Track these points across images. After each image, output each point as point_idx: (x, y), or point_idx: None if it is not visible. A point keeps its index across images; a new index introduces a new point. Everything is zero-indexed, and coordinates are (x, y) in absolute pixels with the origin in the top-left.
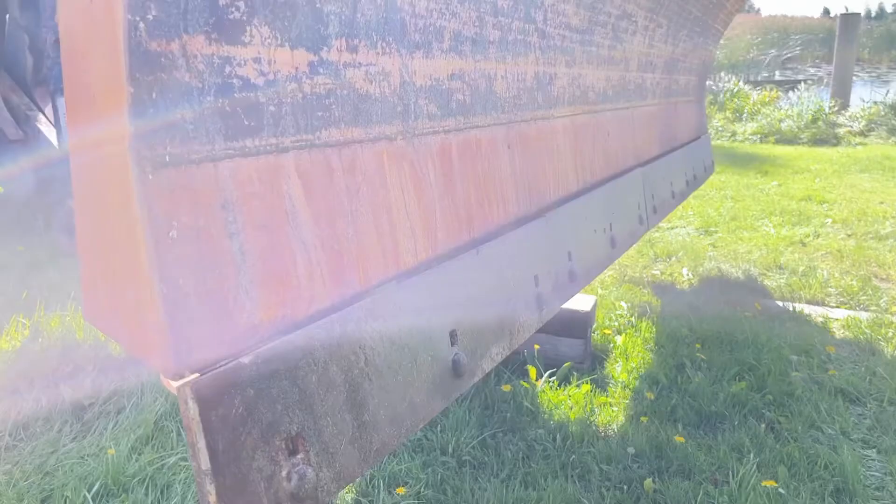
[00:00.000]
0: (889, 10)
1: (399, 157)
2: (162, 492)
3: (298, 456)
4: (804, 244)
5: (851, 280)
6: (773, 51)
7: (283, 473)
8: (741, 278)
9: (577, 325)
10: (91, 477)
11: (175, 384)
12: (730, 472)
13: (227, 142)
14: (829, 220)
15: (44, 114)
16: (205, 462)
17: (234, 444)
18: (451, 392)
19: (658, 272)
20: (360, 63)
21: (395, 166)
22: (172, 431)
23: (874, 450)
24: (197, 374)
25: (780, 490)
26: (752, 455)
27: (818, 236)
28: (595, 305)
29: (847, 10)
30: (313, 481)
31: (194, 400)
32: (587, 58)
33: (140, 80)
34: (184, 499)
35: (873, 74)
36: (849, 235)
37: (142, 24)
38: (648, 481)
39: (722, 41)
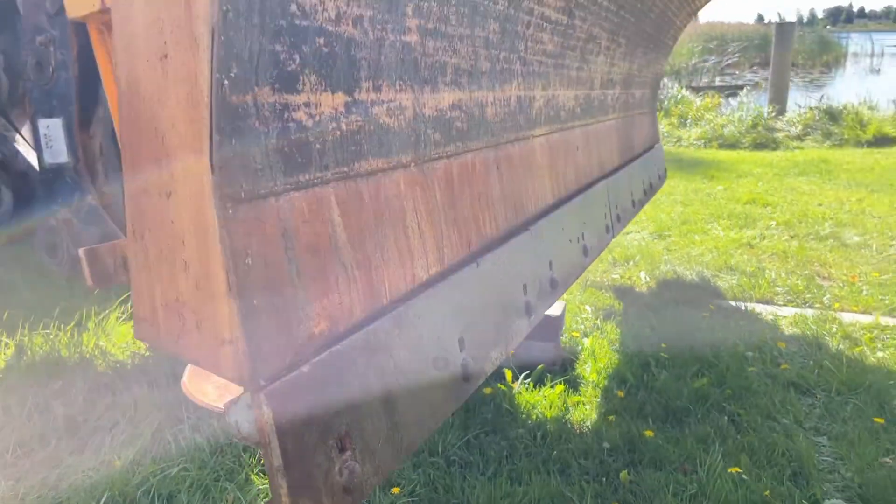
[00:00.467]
0: (820, 15)
1: (413, 183)
2: (167, 501)
3: (347, 453)
4: (752, 246)
5: (797, 279)
6: (712, 57)
7: (336, 468)
8: (695, 280)
9: (549, 329)
10: (97, 490)
11: (249, 392)
12: (697, 462)
13: (285, 177)
14: (773, 223)
15: (21, 135)
16: (277, 460)
17: (300, 443)
18: (462, 394)
19: (618, 276)
20: (383, 100)
21: (409, 191)
22: (171, 443)
23: (825, 437)
24: (268, 383)
25: (744, 476)
26: (716, 445)
27: (764, 238)
28: (564, 310)
29: (781, 16)
30: (359, 475)
31: (268, 406)
32: (559, 80)
33: (224, 128)
34: None
35: (807, 79)
36: (792, 237)
37: (226, 82)
38: (624, 473)
39: None
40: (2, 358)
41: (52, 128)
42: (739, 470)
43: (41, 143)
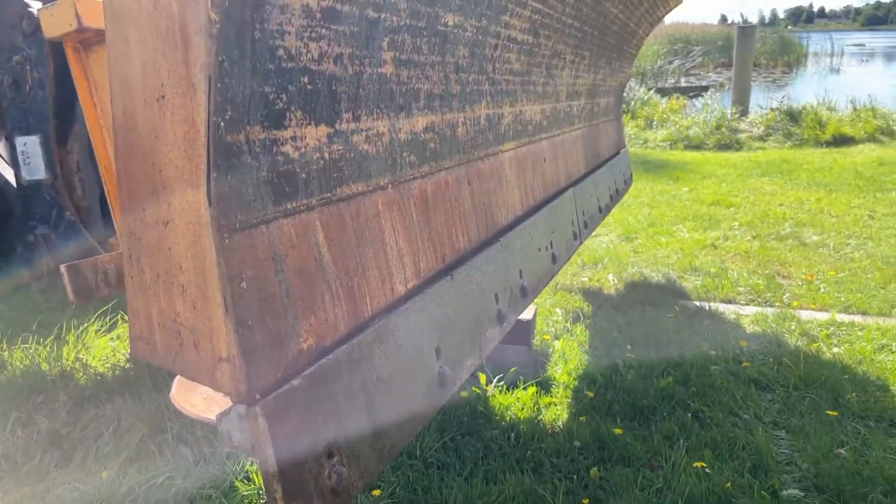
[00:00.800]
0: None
1: (390, 203)
2: None
3: (335, 458)
4: (715, 247)
5: (758, 279)
6: (677, 59)
7: (325, 473)
8: (662, 281)
9: (521, 333)
10: (84, 501)
11: (245, 405)
12: (663, 458)
13: (274, 206)
14: (737, 223)
15: None
16: (273, 467)
17: (292, 451)
18: (439, 400)
19: (586, 279)
20: (362, 129)
21: (387, 211)
22: (155, 453)
23: (784, 430)
24: (263, 396)
25: (707, 470)
26: (681, 441)
27: (727, 239)
28: (535, 314)
29: (743, 16)
30: (346, 479)
31: (264, 417)
32: (526, 96)
33: (220, 165)
34: None
35: (769, 79)
36: (754, 237)
37: (222, 123)
38: (594, 470)
39: None
40: None
41: (30, 145)
42: (703, 464)
43: (19, 159)
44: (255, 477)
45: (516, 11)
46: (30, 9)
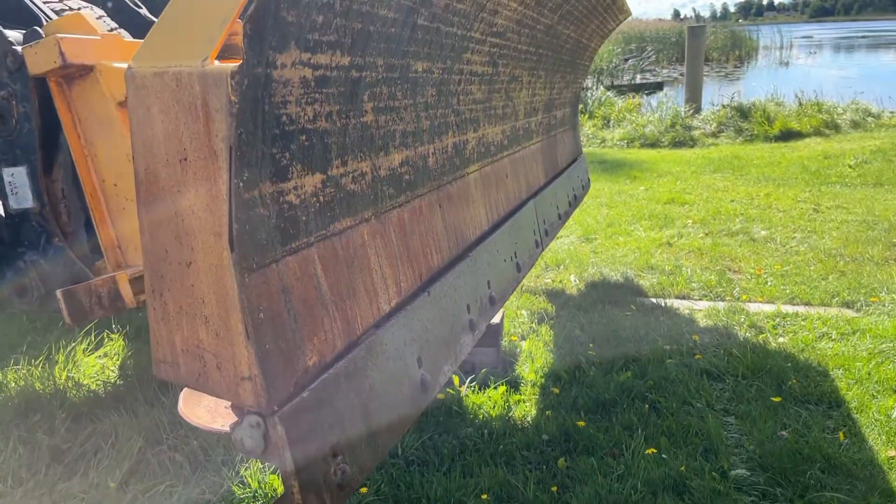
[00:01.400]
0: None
1: (374, 232)
2: None
3: (339, 457)
4: (670, 245)
5: (710, 275)
6: (632, 59)
7: (332, 470)
8: (620, 280)
9: (490, 336)
10: None
11: (264, 416)
12: (624, 446)
13: (282, 247)
14: (690, 221)
15: None
16: (290, 466)
17: (305, 452)
18: (422, 404)
19: (550, 280)
20: (349, 172)
21: (371, 239)
22: (154, 463)
23: (733, 416)
24: (280, 408)
25: (663, 456)
26: (639, 431)
27: (682, 237)
28: (503, 317)
29: (696, 11)
30: (349, 474)
31: (281, 425)
32: (488, 120)
33: (240, 218)
34: None
35: (721, 73)
36: (706, 234)
37: (240, 184)
38: (561, 460)
39: None
40: None
41: (17, 175)
42: (659, 451)
43: (6, 190)
44: (249, 481)
45: (477, 49)
46: (13, 46)
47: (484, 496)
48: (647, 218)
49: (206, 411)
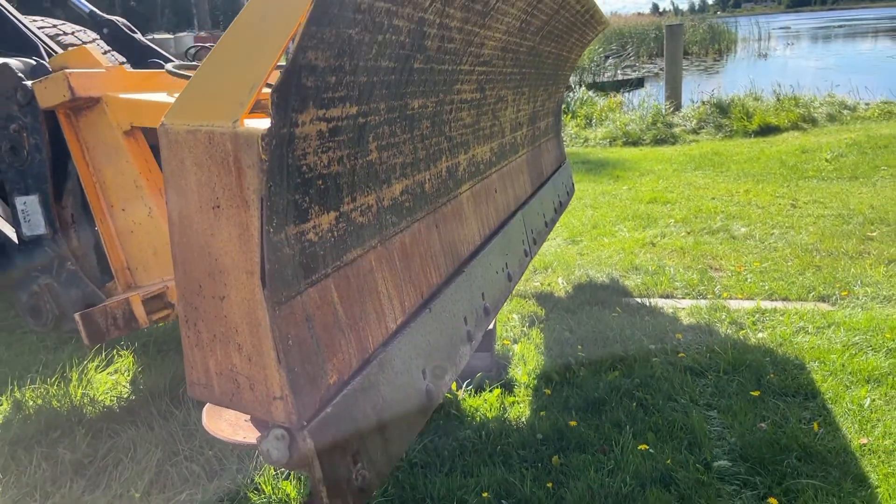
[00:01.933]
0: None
1: (380, 258)
2: None
3: (359, 464)
4: (654, 245)
5: (692, 273)
6: (612, 58)
7: (353, 475)
8: (606, 281)
9: (484, 341)
10: None
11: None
12: (613, 443)
13: (305, 280)
14: (672, 221)
15: None
16: (319, 473)
17: (331, 461)
18: (428, 411)
19: (538, 284)
20: (357, 206)
21: (378, 265)
22: (173, 474)
23: (715, 410)
24: (308, 423)
25: (651, 450)
26: (628, 427)
27: (664, 236)
28: (495, 322)
29: (674, 4)
30: (368, 479)
31: (311, 437)
32: (477, 141)
33: (270, 258)
34: None
35: (701, 67)
36: (688, 233)
37: (270, 229)
38: (555, 458)
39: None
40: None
41: (29, 204)
42: (646, 446)
43: (19, 217)
44: (264, 487)
45: (466, 79)
46: (24, 82)
47: (485, 494)
48: (630, 218)
49: (227, 425)
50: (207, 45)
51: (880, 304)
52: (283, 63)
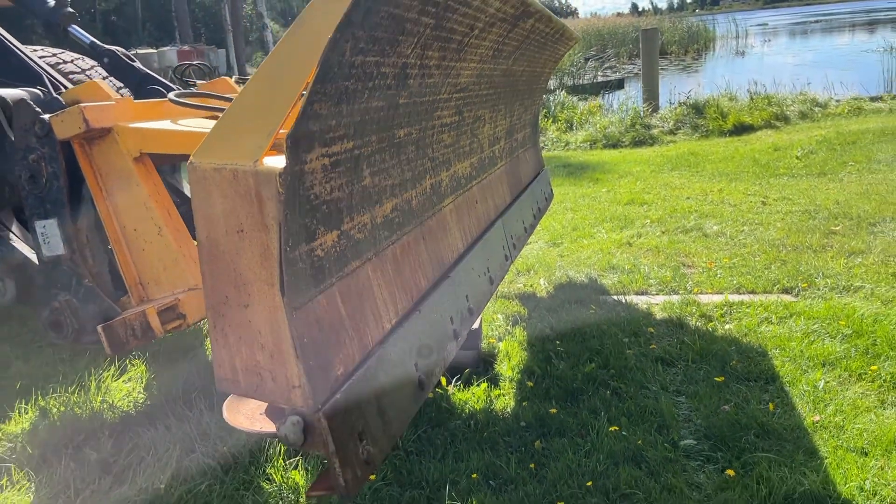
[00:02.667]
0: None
1: (375, 268)
2: None
3: (364, 441)
4: (630, 245)
5: (666, 271)
6: (592, 61)
7: (360, 450)
8: (585, 281)
9: (471, 339)
10: None
11: (306, 414)
12: (590, 427)
13: (315, 289)
14: (648, 221)
15: (12, 232)
16: (332, 448)
17: (342, 438)
18: (420, 400)
19: (521, 285)
20: (356, 225)
21: (373, 274)
22: (192, 468)
23: (683, 396)
24: (321, 407)
25: (623, 433)
26: (603, 413)
27: (640, 236)
28: (481, 322)
29: (653, 4)
30: (372, 454)
31: (325, 419)
32: (458, 158)
33: (288, 272)
34: None
35: (680, 67)
36: (663, 232)
37: (287, 248)
38: (538, 442)
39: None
40: (26, 420)
41: (48, 227)
42: (619, 429)
43: (39, 239)
44: (275, 477)
45: (444, 105)
46: (42, 115)
47: (474, 476)
48: (609, 220)
49: (245, 418)
50: (195, 62)
51: (839, 294)
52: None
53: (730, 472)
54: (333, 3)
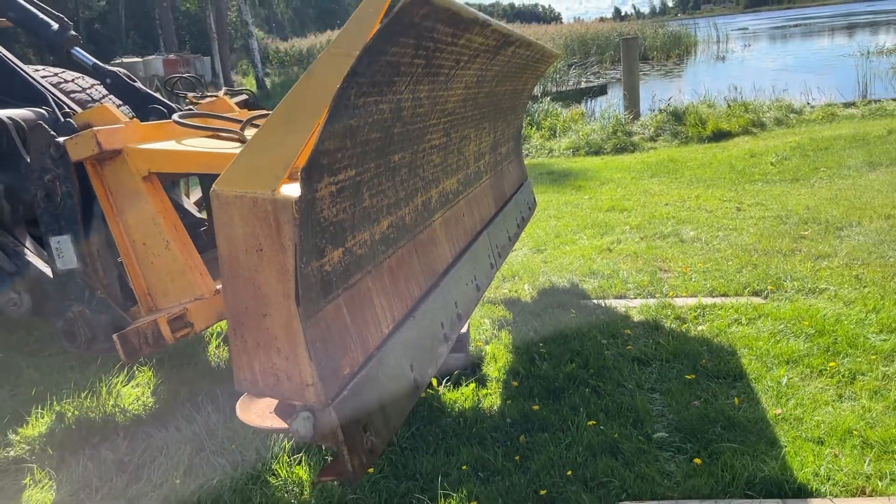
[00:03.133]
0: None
1: (374, 279)
2: (216, 502)
3: (368, 432)
4: (610, 250)
5: (643, 276)
6: (574, 69)
7: (365, 440)
8: (567, 286)
9: (460, 343)
10: (167, 501)
11: (317, 409)
12: (570, 423)
13: (324, 300)
14: (628, 227)
15: (26, 248)
16: (341, 437)
17: (350, 430)
18: (415, 397)
19: (507, 290)
20: (357, 243)
21: (372, 284)
22: (203, 465)
23: (658, 393)
24: (332, 402)
25: (601, 427)
26: (582, 410)
27: (620, 242)
28: (469, 327)
29: (636, 8)
30: (375, 444)
31: (336, 413)
32: (446, 175)
33: (302, 285)
34: None
35: (662, 72)
36: (642, 238)
37: (301, 265)
38: (522, 437)
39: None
40: (43, 424)
41: (62, 242)
42: (597, 423)
43: (54, 254)
44: (280, 472)
45: (433, 129)
46: (56, 139)
47: (464, 468)
48: (590, 227)
49: (256, 416)
50: (185, 75)
51: (804, 296)
52: None
53: (697, 460)
54: (339, 59)
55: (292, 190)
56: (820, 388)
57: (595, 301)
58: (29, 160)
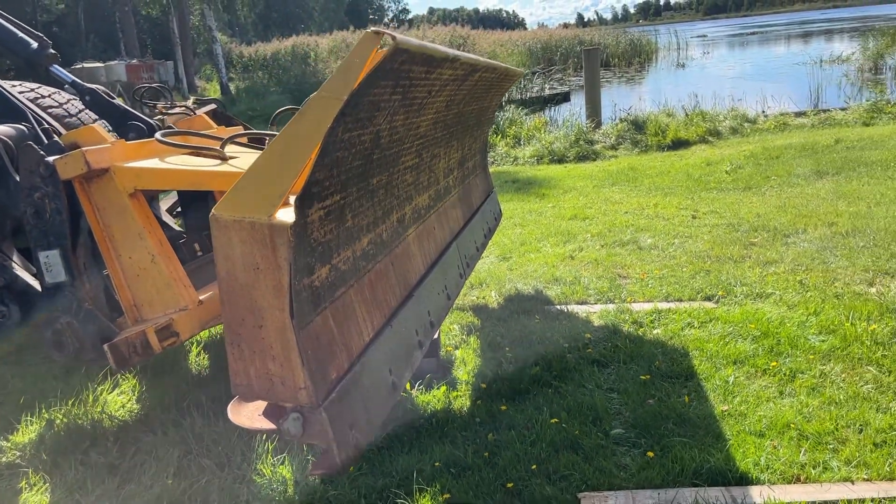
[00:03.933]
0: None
1: (356, 292)
2: (205, 501)
3: (354, 430)
4: (572, 258)
5: (604, 282)
6: (538, 77)
7: (350, 438)
8: (531, 292)
9: (432, 348)
10: (158, 500)
11: (297, 413)
12: (535, 421)
13: (314, 312)
14: (589, 235)
15: (14, 261)
16: (331, 434)
17: (339, 427)
18: (394, 399)
19: (475, 298)
20: (342, 259)
21: (355, 296)
22: (192, 467)
23: (615, 392)
24: (322, 403)
25: (563, 425)
26: (546, 409)
27: (582, 250)
28: (440, 333)
29: (598, 14)
30: (359, 440)
31: (326, 413)
32: (418, 192)
33: (295, 300)
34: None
35: (624, 79)
36: (602, 246)
37: (294, 282)
38: (490, 435)
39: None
40: (33, 431)
41: (51, 257)
42: (559, 421)
43: (42, 268)
44: (265, 472)
45: (407, 151)
46: (46, 158)
47: (437, 464)
48: (553, 235)
49: (246, 419)
50: (153, 84)
51: (752, 300)
52: None
53: (650, 454)
54: (329, 101)
55: (287, 215)
56: (763, 385)
57: (558, 307)
58: (18, 178)
